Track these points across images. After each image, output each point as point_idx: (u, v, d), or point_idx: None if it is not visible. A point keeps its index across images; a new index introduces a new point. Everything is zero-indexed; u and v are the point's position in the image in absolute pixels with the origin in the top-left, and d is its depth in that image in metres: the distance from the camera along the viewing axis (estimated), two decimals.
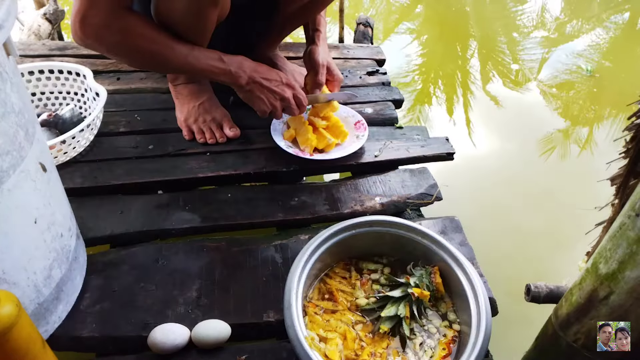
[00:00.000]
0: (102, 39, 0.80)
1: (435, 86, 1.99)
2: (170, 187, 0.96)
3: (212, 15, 0.86)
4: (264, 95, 0.93)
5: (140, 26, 0.82)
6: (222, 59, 0.89)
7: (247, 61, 0.92)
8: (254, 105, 0.96)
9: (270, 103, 0.95)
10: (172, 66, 0.89)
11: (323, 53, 1.07)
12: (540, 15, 2.60)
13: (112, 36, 0.80)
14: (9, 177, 0.55)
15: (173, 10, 0.83)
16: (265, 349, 0.71)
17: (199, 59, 0.87)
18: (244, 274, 0.80)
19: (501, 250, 1.23)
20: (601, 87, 1.95)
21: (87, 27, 0.78)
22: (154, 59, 0.86)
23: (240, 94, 0.95)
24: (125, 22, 0.80)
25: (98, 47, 0.82)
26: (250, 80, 0.91)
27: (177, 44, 0.85)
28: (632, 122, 0.65)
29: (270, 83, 0.93)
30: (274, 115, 0.98)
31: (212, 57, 0.88)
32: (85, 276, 0.77)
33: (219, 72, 0.89)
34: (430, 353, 0.66)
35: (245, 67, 0.91)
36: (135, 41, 0.82)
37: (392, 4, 2.75)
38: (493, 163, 1.56)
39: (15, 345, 0.49)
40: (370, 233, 0.75)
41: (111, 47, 0.83)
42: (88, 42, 0.81)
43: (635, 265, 0.51)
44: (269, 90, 0.93)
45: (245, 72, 0.91)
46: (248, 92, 0.93)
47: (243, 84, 0.91)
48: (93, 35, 0.79)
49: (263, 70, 0.93)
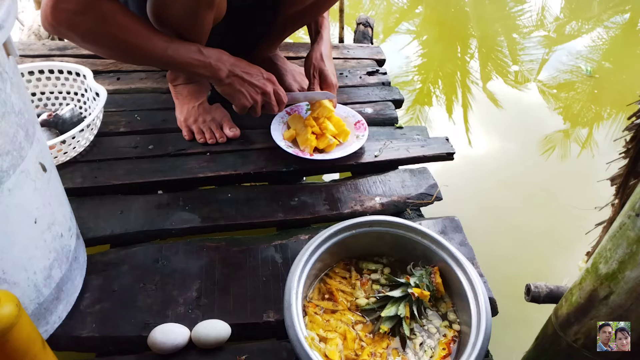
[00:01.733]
0: (75, 26, 0.76)
1: (435, 86, 1.99)
2: (170, 187, 0.96)
3: (208, 16, 0.85)
4: (244, 88, 0.91)
5: (118, 15, 0.78)
6: (202, 51, 0.86)
7: (225, 55, 0.90)
8: (233, 100, 0.94)
9: (251, 97, 0.92)
10: (150, 58, 0.86)
11: (318, 58, 1.06)
12: (540, 16, 2.61)
13: (86, 24, 0.76)
14: (9, 177, 0.55)
15: (169, 11, 0.83)
16: (265, 349, 0.71)
17: (178, 51, 0.84)
18: (244, 274, 0.80)
19: (501, 250, 1.23)
20: (601, 88, 1.95)
21: (60, 12, 0.74)
22: (130, 50, 0.82)
23: (219, 88, 0.93)
24: (102, 10, 0.76)
25: (70, 35, 0.78)
26: (230, 73, 0.89)
27: (155, 35, 0.82)
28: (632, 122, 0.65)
29: (251, 77, 0.91)
30: (252, 111, 0.96)
31: (191, 50, 0.86)
32: (85, 276, 0.77)
33: (198, 65, 0.86)
34: (430, 353, 0.66)
35: (224, 60, 0.89)
36: (112, 30, 0.78)
37: (392, 4, 2.75)
38: (493, 163, 1.56)
39: (15, 345, 0.49)
40: (370, 233, 0.75)
41: (85, 36, 0.78)
42: (60, 30, 0.77)
43: (635, 265, 0.51)
44: (250, 84, 0.91)
45: (224, 64, 0.88)
46: (228, 86, 0.91)
47: (223, 77, 0.89)
48: (66, 22, 0.75)
49: (243, 65, 0.91)
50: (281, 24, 1.09)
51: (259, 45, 1.16)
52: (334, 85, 1.07)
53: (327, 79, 1.06)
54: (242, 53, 0.95)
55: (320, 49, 1.07)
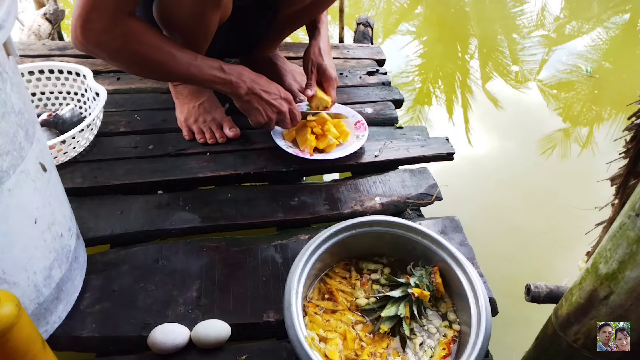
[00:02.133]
0: (103, 45, 0.79)
1: (435, 86, 1.99)
2: (170, 187, 0.96)
3: (214, 17, 0.86)
4: (261, 107, 0.94)
5: (143, 33, 0.81)
6: (223, 68, 0.88)
7: (246, 71, 0.92)
8: (250, 116, 0.96)
9: (267, 115, 0.95)
10: (174, 75, 0.88)
11: (316, 53, 1.06)
12: (540, 16, 2.60)
13: (113, 42, 0.79)
14: (9, 177, 0.55)
15: (176, 12, 0.83)
16: (265, 349, 0.71)
17: (202, 68, 0.86)
18: (244, 274, 0.80)
19: (501, 250, 1.23)
20: (601, 88, 1.95)
21: (88, 32, 0.77)
22: (156, 67, 0.85)
23: (237, 103, 0.95)
24: (128, 28, 0.79)
25: (99, 53, 0.81)
26: (249, 91, 0.91)
27: (179, 52, 0.84)
28: (632, 122, 0.65)
29: (269, 96, 0.94)
30: (267, 126, 0.98)
31: (213, 67, 0.87)
32: (85, 276, 0.77)
33: (220, 82, 0.89)
34: (430, 353, 0.66)
35: (245, 78, 0.91)
36: (138, 48, 0.81)
37: (392, 4, 2.75)
38: (493, 163, 1.56)
39: (15, 345, 0.49)
40: (370, 233, 0.75)
41: (113, 54, 0.81)
42: (89, 48, 0.79)
43: (635, 265, 0.51)
44: (267, 102, 0.94)
45: (245, 82, 0.91)
46: (246, 103, 0.93)
47: (242, 94, 0.91)
48: (94, 41, 0.78)
49: (262, 83, 0.94)
50: (281, 23, 1.10)
51: (259, 45, 1.16)
52: (334, 79, 1.08)
53: (326, 72, 1.07)
54: (242, 53, 0.95)
55: (318, 44, 1.07)
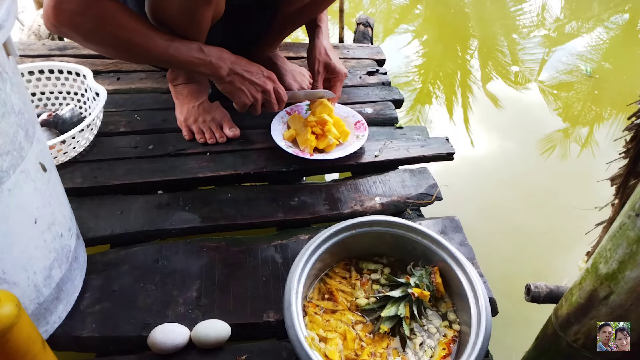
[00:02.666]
0: (77, 26, 0.77)
1: (435, 86, 1.99)
2: (170, 187, 0.96)
3: (206, 13, 0.85)
4: (245, 87, 0.92)
5: (119, 14, 0.79)
6: (202, 49, 0.87)
7: (226, 53, 0.91)
8: (234, 98, 0.94)
9: (252, 95, 0.93)
10: (152, 57, 0.86)
11: (322, 52, 1.06)
12: (540, 16, 2.60)
13: (88, 23, 0.77)
14: (9, 177, 0.55)
15: (167, 9, 0.83)
16: (265, 348, 0.71)
17: (180, 49, 0.85)
18: (244, 274, 0.80)
19: (501, 250, 1.23)
20: (601, 88, 1.95)
21: (61, 12, 0.75)
22: (132, 49, 0.83)
23: (220, 86, 0.93)
24: (103, 10, 0.77)
25: (73, 35, 0.79)
26: (231, 71, 0.90)
27: (156, 34, 0.83)
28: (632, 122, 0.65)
29: (251, 75, 0.92)
30: (253, 109, 0.96)
31: (192, 48, 0.86)
32: (85, 276, 0.77)
33: (200, 63, 0.87)
34: (430, 353, 0.66)
35: (225, 59, 0.89)
36: (113, 30, 0.79)
37: (392, 4, 2.75)
38: (493, 163, 1.56)
39: (15, 345, 0.49)
40: (370, 233, 0.75)
41: (87, 35, 0.79)
42: (62, 30, 0.78)
43: (635, 265, 0.51)
44: (250, 82, 0.92)
45: (225, 62, 0.89)
46: (228, 84, 0.91)
47: (224, 75, 0.90)
48: (67, 22, 0.76)
49: (243, 63, 0.92)
50: (280, 23, 1.10)
51: (259, 45, 1.16)
52: (344, 74, 1.08)
53: (335, 70, 1.06)
54: (242, 53, 0.95)
55: (322, 44, 1.07)
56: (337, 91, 1.09)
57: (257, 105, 0.95)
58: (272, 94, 0.95)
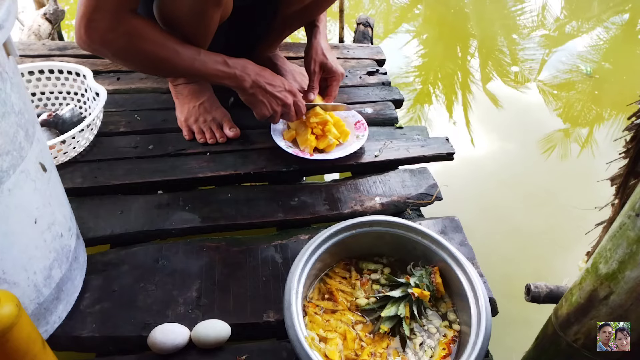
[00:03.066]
0: (108, 43, 0.80)
1: (435, 86, 1.99)
2: (170, 187, 0.96)
3: (215, 15, 0.86)
4: (266, 99, 0.94)
5: (147, 30, 0.81)
6: (227, 62, 0.89)
7: (250, 64, 0.92)
8: (255, 109, 0.96)
9: (272, 108, 0.95)
10: (179, 71, 0.89)
11: (318, 52, 1.06)
12: (540, 16, 2.60)
13: (118, 40, 0.79)
14: (9, 177, 0.55)
15: (176, 10, 0.83)
16: (265, 349, 0.71)
17: (206, 63, 0.87)
18: (244, 274, 0.80)
19: (501, 250, 1.23)
20: (601, 88, 1.95)
21: (92, 31, 0.77)
22: (160, 63, 0.85)
23: (242, 97, 0.95)
24: (132, 26, 0.79)
25: (104, 52, 0.82)
26: (254, 84, 0.91)
27: (183, 48, 0.85)
28: (632, 122, 0.65)
29: (274, 88, 0.93)
30: (271, 119, 0.98)
31: (217, 61, 0.88)
32: (85, 276, 0.77)
33: (224, 76, 0.89)
34: (430, 353, 0.66)
35: (249, 71, 0.91)
36: (142, 45, 0.81)
37: (392, 4, 2.75)
38: (493, 163, 1.56)
39: (15, 345, 0.49)
40: (370, 233, 0.75)
41: (117, 52, 0.82)
42: (94, 47, 0.80)
43: (635, 265, 0.51)
44: (272, 95, 0.94)
45: (249, 75, 0.91)
46: (251, 96, 0.93)
47: (247, 87, 0.91)
48: (99, 40, 0.79)
49: (267, 75, 0.94)
50: (280, 23, 1.10)
51: (259, 46, 1.16)
52: (342, 74, 1.09)
53: (333, 69, 1.07)
54: (243, 53, 0.95)
55: (320, 44, 1.07)
56: (334, 91, 1.09)
57: (276, 117, 0.97)
58: (291, 108, 0.96)
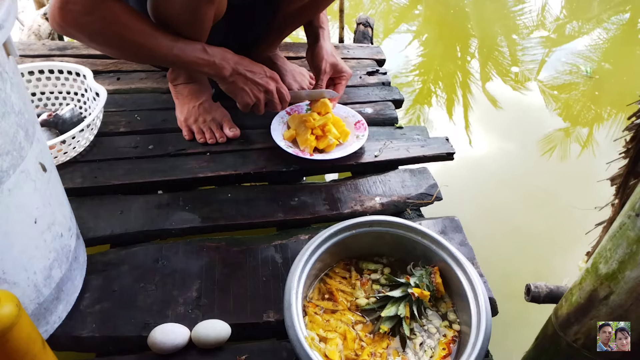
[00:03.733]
0: (83, 26, 0.78)
1: (435, 86, 1.99)
2: (170, 187, 0.96)
3: (208, 12, 0.86)
4: (247, 87, 0.93)
5: (124, 15, 0.80)
6: (206, 50, 0.88)
7: (229, 53, 0.91)
8: (236, 98, 0.95)
9: (254, 95, 0.94)
10: (156, 57, 0.87)
11: (328, 52, 1.07)
12: (540, 16, 2.60)
13: (93, 24, 0.78)
14: (9, 177, 0.55)
15: (169, 8, 0.83)
16: (265, 349, 0.71)
17: (184, 50, 0.86)
18: (244, 274, 0.80)
19: (501, 250, 1.23)
20: (601, 88, 1.95)
21: (67, 13, 0.76)
22: (137, 49, 0.84)
23: (223, 86, 0.94)
24: (108, 10, 0.78)
25: (78, 35, 0.80)
26: (234, 71, 0.90)
27: (161, 35, 0.84)
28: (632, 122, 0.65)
29: (254, 75, 0.92)
30: (255, 109, 0.97)
31: (196, 49, 0.87)
32: (85, 276, 0.77)
33: (203, 64, 0.88)
34: (430, 353, 0.66)
35: (228, 59, 0.90)
36: (119, 30, 0.80)
37: (392, 4, 2.75)
38: (493, 163, 1.56)
39: (15, 345, 0.49)
40: (370, 233, 0.75)
41: (92, 36, 0.80)
42: (68, 30, 0.78)
43: (635, 265, 0.52)
44: (253, 82, 0.93)
45: (228, 63, 0.90)
46: (231, 84, 0.92)
47: (227, 75, 0.90)
48: (73, 23, 0.77)
49: (246, 63, 0.93)
50: (280, 22, 1.10)
51: (259, 45, 1.16)
52: (350, 74, 1.11)
53: (343, 69, 1.08)
54: (242, 53, 0.95)
55: (328, 44, 1.08)
56: (341, 90, 1.10)
57: (259, 105, 0.96)
58: (274, 94, 0.95)
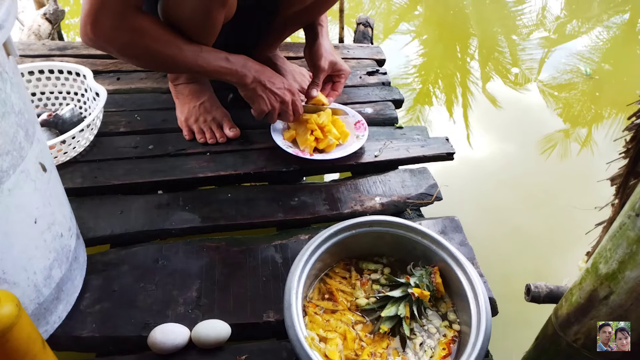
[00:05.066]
0: (113, 40, 0.81)
1: (435, 86, 1.99)
2: (170, 187, 0.96)
3: (220, 15, 0.86)
4: (265, 95, 0.95)
5: (151, 27, 0.82)
6: (229, 59, 0.90)
7: (250, 61, 0.93)
8: (253, 104, 0.96)
9: (271, 104, 0.96)
10: (182, 67, 0.90)
11: (327, 50, 1.07)
12: (540, 16, 2.60)
13: (123, 37, 0.80)
14: (9, 177, 0.55)
15: (181, 10, 0.84)
16: (265, 348, 0.71)
17: (208, 60, 0.88)
18: (244, 274, 0.80)
19: (501, 250, 1.23)
20: (601, 88, 1.95)
21: (98, 28, 0.78)
22: (164, 60, 0.86)
23: (242, 92, 0.96)
24: (136, 23, 0.80)
25: (109, 49, 0.83)
26: (254, 79, 0.93)
27: (186, 45, 0.86)
28: (632, 122, 0.65)
29: (273, 85, 0.95)
30: (269, 117, 0.99)
31: (219, 58, 0.89)
32: (85, 276, 0.77)
33: (226, 72, 0.90)
34: (430, 353, 0.66)
35: (249, 67, 0.93)
36: (146, 42, 0.82)
37: (392, 4, 2.75)
38: (493, 163, 1.56)
39: (15, 345, 0.49)
40: (370, 233, 0.75)
41: (122, 48, 0.83)
42: (100, 44, 0.81)
43: (635, 265, 0.51)
44: (271, 91, 0.95)
45: (250, 71, 0.92)
46: (251, 91, 0.94)
47: (248, 83, 0.92)
48: (104, 37, 0.80)
49: (267, 72, 0.95)
50: (281, 24, 1.10)
51: (259, 46, 1.16)
52: (349, 72, 1.12)
53: (341, 68, 1.09)
54: (243, 53, 0.95)
55: (327, 42, 1.09)
56: (340, 89, 1.10)
57: (273, 113, 0.98)
58: (289, 106, 0.98)
